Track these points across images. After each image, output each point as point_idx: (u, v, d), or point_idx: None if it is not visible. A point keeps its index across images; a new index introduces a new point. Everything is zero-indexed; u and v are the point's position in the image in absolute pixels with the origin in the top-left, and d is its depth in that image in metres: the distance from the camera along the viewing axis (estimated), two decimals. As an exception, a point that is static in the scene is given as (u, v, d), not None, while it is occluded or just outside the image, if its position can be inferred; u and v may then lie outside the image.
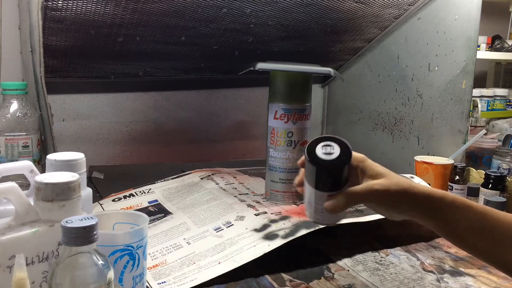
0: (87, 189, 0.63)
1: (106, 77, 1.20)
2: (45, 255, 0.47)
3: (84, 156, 0.61)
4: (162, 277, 0.66)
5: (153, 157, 1.34)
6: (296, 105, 0.87)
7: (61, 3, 0.85)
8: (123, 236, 0.53)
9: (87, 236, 0.41)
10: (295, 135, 0.88)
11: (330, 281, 0.68)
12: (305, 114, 0.89)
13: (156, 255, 0.71)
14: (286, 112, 0.87)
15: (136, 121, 1.31)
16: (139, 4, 0.90)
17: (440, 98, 1.12)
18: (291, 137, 0.87)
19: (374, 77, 1.33)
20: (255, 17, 1.05)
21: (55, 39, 0.96)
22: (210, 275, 0.66)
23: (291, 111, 0.87)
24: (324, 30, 1.19)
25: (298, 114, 0.87)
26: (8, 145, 0.92)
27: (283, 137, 0.87)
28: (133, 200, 0.89)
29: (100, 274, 0.41)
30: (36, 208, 0.48)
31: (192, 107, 1.38)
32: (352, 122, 1.44)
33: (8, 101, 0.92)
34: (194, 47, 1.15)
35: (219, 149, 1.42)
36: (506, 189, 0.97)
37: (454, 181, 1.02)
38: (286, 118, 0.87)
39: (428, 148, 1.17)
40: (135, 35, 1.02)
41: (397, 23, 1.23)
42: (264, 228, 0.76)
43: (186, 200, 0.87)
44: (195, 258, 0.70)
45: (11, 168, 0.55)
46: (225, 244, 0.72)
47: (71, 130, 1.23)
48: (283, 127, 0.87)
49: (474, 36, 1.04)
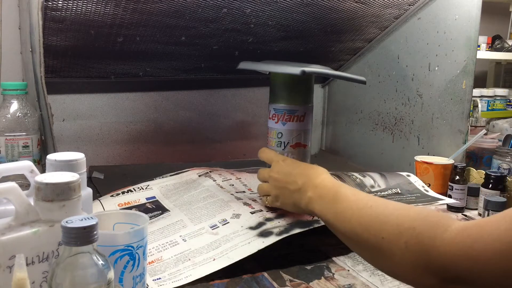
0: (87, 189, 0.62)
1: (106, 77, 1.20)
2: (45, 255, 0.47)
3: (84, 156, 0.61)
4: (157, 274, 0.66)
5: (153, 157, 1.34)
6: (285, 105, 0.83)
7: (61, 3, 0.85)
8: (123, 236, 0.53)
9: (87, 236, 0.41)
10: (284, 136, 0.84)
11: (330, 281, 0.68)
12: (297, 115, 0.83)
13: (152, 251, 0.71)
14: (277, 113, 0.84)
15: (136, 121, 1.31)
16: (139, 4, 0.90)
17: (440, 98, 1.12)
18: (281, 138, 0.84)
19: (374, 77, 1.33)
20: (255, 17, 1.05)
21: (55, 39, 0.96)
22: (204, 272, 0.66)
23: (280, 111, 0.84)
24: (324, 30, 1.19)
25: (288, 115, 0.83)
26: (8, 145, 0.92)
27: (274, 137, 0.85)
28: (131, 195, 0.89)
29: (100, 274, 0.41)
30: (36, 208, 0.48)
31: (192, 107, 1.38)
32: (352, 122, 1.44)
33: (8, 101, 0.92)
34: (194, 47, 1.15)
35: (219, 149, 1.42)
36: (506, 189, 0.97)
37: (454, 181, 1.02)
38: (276, 119, 0.84)
39: (428, 148, 1.17)
40: (135, 35, 1.02)
41: (397, 23, 1.23)
42: (259, 226, 0.76)
43: (183, 197, 0.87)
44: (191, 255, 0.70)
45: (11, 168, 0.55)
46: (220, 241, 0.73)
47: (71, 130, 1.23)
48: (274, 127, 0.85)
49: (474, 36, 1.04)
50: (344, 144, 1.50)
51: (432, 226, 0.50)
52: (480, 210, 0.99)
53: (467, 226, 0.47)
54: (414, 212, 0.55)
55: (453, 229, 0.48)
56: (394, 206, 0.58)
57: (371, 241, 0.55)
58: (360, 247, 0.59)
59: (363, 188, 0.97)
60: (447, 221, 0.50)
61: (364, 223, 0.57)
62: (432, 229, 0.50)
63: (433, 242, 0.48)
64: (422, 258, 0.49)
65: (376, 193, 0.94)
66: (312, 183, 0.69)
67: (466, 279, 0.46)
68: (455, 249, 0.46)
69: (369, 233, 0.56)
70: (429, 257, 0.48)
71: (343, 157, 1.49)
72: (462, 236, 0.46)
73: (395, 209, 0.56)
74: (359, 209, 0.60)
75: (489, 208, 0.93)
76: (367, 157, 1.37)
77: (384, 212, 0.56)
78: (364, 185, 0.99)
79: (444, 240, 0.47)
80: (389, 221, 0.55)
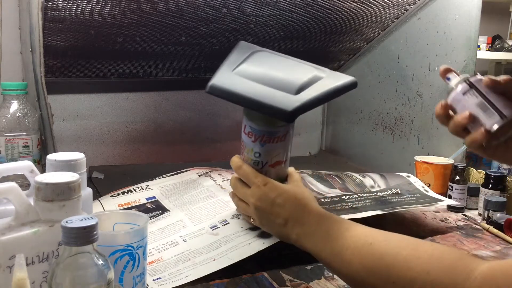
0: (87, 189, 0.62)
1: (106, 77, 1.20)
2: (45, 255, 0.47)
3: (84, 156, 0.61)
4: (157, 273, 0.67)
5: (153, 157, 1.34)
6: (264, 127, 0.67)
7: (61, 3, 0.85)
8: (123, 236, 0.53)
9: (87, 236, 0.41)
10: (262, 156, 0.69)
11: (330, 281, 0.68)
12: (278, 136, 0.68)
13: (152, 252, 0.72)
14: (254, 132, 0.68)
15: (136, 121, 1.31)
16: (139, 4, 0.90)
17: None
18: (258, 157, 0.69)
19: (374, 77, 1.33)
20: (255, 17, 1.05)
21: (55, 39, 0.96)
22: (204, 272, 0.66)
23: (258, 132, 0.67)
24: (324, 30, 1.19)
25: (267, 137, 0.67)
26: (8, 145, 0.92)
27: (250, 155, 0.70)
28: (131, 196, 0.89)
29: (100, 274, 0.41)
30: (36, 208, 0.47)
31: (192, 107, 1.38)
32: (352, 122, 1.44)
33: (8, 101, 0.92)
34: (194, 47, 1.15)
35: (219, 149, 1.42)
36: (506, 189, 0.97)
37: (454, 181, 1.02)
38: (253, 138, 0.68)
39: (428, 148, 1.17)
40: (135, 35, 1.02)
41: (397, 23, 1.23)
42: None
43: (183, 197, 0.87)
44: (191, 255, 0.70)
45: (11, 168, 0.55)
46: (220, 242, 0.73)
47: (71, 130, 1.23)
48: (250, 145, 0.69)
49: (474, 36, 1.04)
50: (344, 144, 1.50)
51: (449, 271, 0.47)
52: (480, 210, 0.99)
53: (493, 274, 0.44)
54: (424, 252, 0.50)
55: (477, 276, 0.45)
56: (398, 243, 0.53)
57: (379, 285, 0.51)
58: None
59: (363, 188, 0.97)
60: (466, 265, 0.46)
61: (368, 266, 0.52)
62: (449, 275, 0.46)
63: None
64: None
65: (376, 193, 0.94)
66: (298, 219, 0.63)
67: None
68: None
69: (375, 277, 0.51)
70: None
71: (343, 157, 1.49)
72: (490, 286, 0.44)
73: (400, 248, 0.52)
74: (358, 249, 0.54)
75: (489, 208, 0.93)
76: (367, 157, 1.37)
77: (388, 253, 0.52)
78: (364, 185, 0.99)
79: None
80: (397, 264, 0.50)
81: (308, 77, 0.68)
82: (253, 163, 0.70)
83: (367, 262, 0.53)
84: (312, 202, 0.65)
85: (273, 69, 0.70)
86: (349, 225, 0.59)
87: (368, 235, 0.56)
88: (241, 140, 0.72)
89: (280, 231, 0.65)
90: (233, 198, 0.74)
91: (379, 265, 0.51)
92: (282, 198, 0.65)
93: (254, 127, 0.68)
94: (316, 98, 0.65)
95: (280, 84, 0.66)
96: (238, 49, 0.74)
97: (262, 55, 0.73)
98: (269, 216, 0.66)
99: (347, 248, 0.55)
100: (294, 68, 0.71)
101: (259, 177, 0.68)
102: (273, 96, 0.64)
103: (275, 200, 0.65)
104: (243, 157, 0.72)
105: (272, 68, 0.70)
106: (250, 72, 0.68)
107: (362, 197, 0.91)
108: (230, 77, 0.67)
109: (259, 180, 0.67)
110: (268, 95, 0.64)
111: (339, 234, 0.58)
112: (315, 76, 0.69)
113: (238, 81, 0.67)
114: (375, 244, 0.54)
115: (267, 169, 0.70)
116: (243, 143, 0.71)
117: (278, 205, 0.65)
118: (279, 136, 0.68)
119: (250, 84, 0.66)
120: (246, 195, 0.69)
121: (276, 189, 0.66)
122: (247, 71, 0.68)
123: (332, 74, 0.71)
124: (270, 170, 0.70)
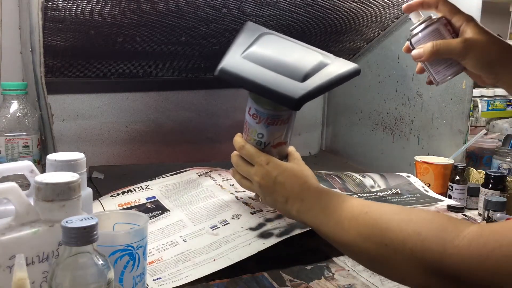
0: (87, 189, 0.62)
1: (106, 77, 1.20)
2: (45, 255, 0.47)
3: (84, 156, 0.61)
4: (157, 274, 0.67)
5: (153, 157, 1.34)
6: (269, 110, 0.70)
7: (61, 3, 0.85)
8: (123, 236, 0.53)
9: (87, 236, 0.41)
10: (265, 137, 0.72)
11: (330, 281, 0.68)
12: (281, 119, 0.71)
13: (152, 252, 0.72)
14: (259, 114, 0.71)
15: (136, 121, 1.31)
16: (139, 4, 0.90)
17: (440, 98, 1.12)
18: (261, 138, 0.72)
19: (374, 77, 1.33)
20: (255, 17, 1.05)
21: (55, 39, 0.96)
22: (204, 272, 0.67)
23: (263, 115, 0.70)
24: (324, 30, 1.19)
25: (271, 119, 0.71)
26: (8, 145, 0.91)
27: (253, 135, 0.73)
28: (131, 196, 0.89)
29: (100, 274, 0.41)
30: (36, 208, 0.47)
31: (192, 107, 1.38)
32: (352, 122, 1.44)
33: (8, 101, 0.92)
34: (194, 47, 1.15)
35: (219, 149, 1.42)
36: (506, 189, 0.97)
37: (454, 181, 1.02)
38: (257, 119, 0.71)
39: (428, 148, 1.17)
40: (135, 35, 1.02)
41: (397, 23, 1.23)
42: (260, 226, 0.76)
43: (183, 197, 0.87)
44: (191, 255, 0.70)
45: (11, 168, 0.55)
46: (220, 242, 0.73)
47: (71, 130, 1.23)
48: (254, 126, 0.72)
49: (474, 36, 1.04)
50: (344, 144, 1.50)
51: (439, 231, 0.48)
52: (480, 210, 0.99)
53: (481, 233, 0.46)
54: (416, 216, 0.53)
55: (465, 235, 0.46)
56: (392, 210, 0.56)
57: (373, 250, 0.53)
58: (362, 257, 0.57)
59: (363, 188, 0.97)
60: (455, 226, 0.48)
61: (364, 233, 0.55)
62: (439, 234, 0.48)
63: (443, 249, 0.47)
64: (433, 265, 0.47)
65: (376, 193, 0.94)
66: (298, 196, 0.66)
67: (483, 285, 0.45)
68: (470, 259, 0.45)
69: (370, 242, 0.54)
70: (441, 264, 0.47)
71: (343, 157, 1.49)
72: (478, 244, 0.45)
73: (394, 213, 0.54)
74: (355, 218, 0.57)
75: (489, 208, 0.92)
76: (367, 157, 1.38)
77: (382, 218, 0.54)
78: (364, 185, 0.99)
79: (457, 248, 0.46)
80: (390, 227, 0.52)
81: (314, 64, 0.70)
82: (255, 143, 0.73)
83: (363, 229, 0.55)
84: (311, 179, 0.68)
85: (280, 54, 0.71)
86: (345, 197, 0.62)
87: (364, 205, 0.59)
88: (244, 120, 0.75)
89: (283, 208, 0.68)
90: (235, 176, 0.77)
91: (374, 231, 0.54)
92: (283, 176, 0.68)
93: (259, 109, 0.71)
94: (321, 86, 0.68)
95: (288, 71, 0.68)
96: (246, 31, 0.76)
97: (270, 38, 0.75)
98: (272, 194, 0.69)
99: (344, 218, 0.58)
100: (300, 54, 0.73)
101: (262, 156, 0.71)
102: (280, 83, 0.66)
103: (276, 178, 0.68)
104: (246, 136, 0.75)
105: (279, 53, 0.71)
106: (258, 57, 0.70)
107: (362, 197, 0.91)
108: (239, 61, 0.69)
109: (262, 159, 0.71)
110: (276, 82, 0.66)
111: (337, 206, 0.60)
112: (321, 62, 0.71)
113: (247, 65, 0.68)
114: (370, 212, 0.56)
115: (269, 149, 0.73)
116: (247, 123, 0.74)
117: (279, 183, 0.68)
118: (283, 119, 0.71)
119: (259, 69, 0.68)
120: (249, 173, 0.72)
121: (277, 167, 0.69)
122: (256, 55, 0.70)
123: (336, 60, 0.74)
124: (272, 150, 0.73)
